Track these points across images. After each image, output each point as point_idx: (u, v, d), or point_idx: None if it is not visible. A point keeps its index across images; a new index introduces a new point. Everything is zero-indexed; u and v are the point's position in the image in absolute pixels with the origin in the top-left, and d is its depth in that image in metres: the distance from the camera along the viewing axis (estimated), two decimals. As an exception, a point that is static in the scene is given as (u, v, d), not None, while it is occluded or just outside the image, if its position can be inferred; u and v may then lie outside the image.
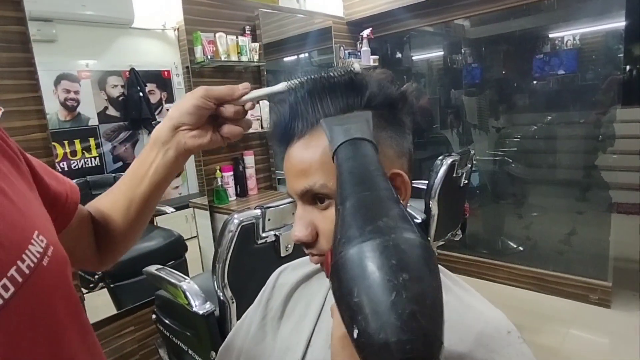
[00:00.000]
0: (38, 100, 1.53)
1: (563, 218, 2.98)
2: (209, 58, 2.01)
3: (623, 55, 2.72)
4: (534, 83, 3.16)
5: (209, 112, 0.55)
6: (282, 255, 1.28)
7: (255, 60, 2.24)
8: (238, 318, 0.74)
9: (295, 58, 2.94)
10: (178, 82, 2.13)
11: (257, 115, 2.25)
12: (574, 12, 2.85)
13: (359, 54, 2.88)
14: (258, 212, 1.22)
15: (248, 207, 2.05)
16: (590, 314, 2.32)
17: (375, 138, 0.48)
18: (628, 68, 3.75)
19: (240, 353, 0.65)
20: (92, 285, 1.79)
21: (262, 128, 2.27)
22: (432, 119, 3.42)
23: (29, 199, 0.42)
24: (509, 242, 3.04)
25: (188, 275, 1.35)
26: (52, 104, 1.63)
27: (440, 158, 1.93)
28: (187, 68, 2.07)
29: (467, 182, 2.15)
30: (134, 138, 1.96)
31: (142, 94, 1.98)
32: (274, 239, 1.26)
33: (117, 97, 1.89)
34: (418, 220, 1.88)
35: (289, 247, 1.29)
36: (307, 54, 2.93)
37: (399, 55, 3.49)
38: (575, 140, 3.06)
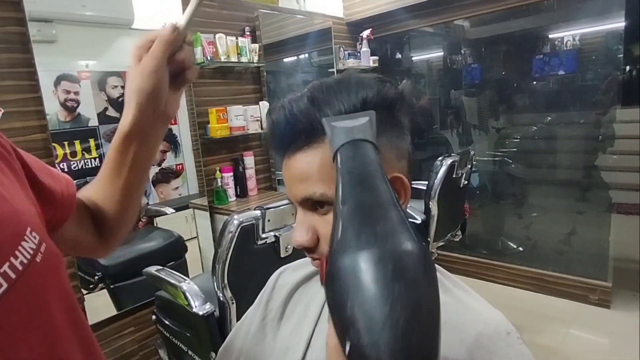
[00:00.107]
0: (38, 101, 1.53)
1: (563, 218, 2.98)
2: (209, 59, 2.01)
3: (623, 56, 2.72)
4: (534, 83, 3.16)
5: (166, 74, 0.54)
6: (282, 256, 1.28)
7: (255, 61, 2.24)
8: (238, 319, 0.74)
9: (295, 59, 2.94)
10: (178, 82, 2.13)
11: (257, 117, 2.25)
12: (574, 12, 2.85)
13: (359, 55, 2.89)
14: (258, 212, 1.22)
15: (248, 207, 2.05)
16: (590, 314, 2.32)
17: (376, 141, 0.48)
18: (628, 68, 3.75)
19: (240, 354, 0.65)
20: (92, 286, 1.79)
21: (261, 129, 2.27)
22: (431, 120, 3.42)
23: (21, 196, 0.42)
24: (509, 242, 3.04)
25: (188, 276, 1.35)
26: (52, 105, 1.63)
27: (440, 158, 1.93)
28: (187, 69, 2.07)
29: (467, 182, 2.15)
30: (134, 139, 1.96)
31: (142, 95, 1.98)
32: (274, 240, 1.26)
33: (117, 97, 1.89)
34: (418, 221, 1.88)
35: (289, 247, 1.29)
36: (307, 55, 2.93)
37: (399, 56, 3.49)
38: (575, 141, 3.06)
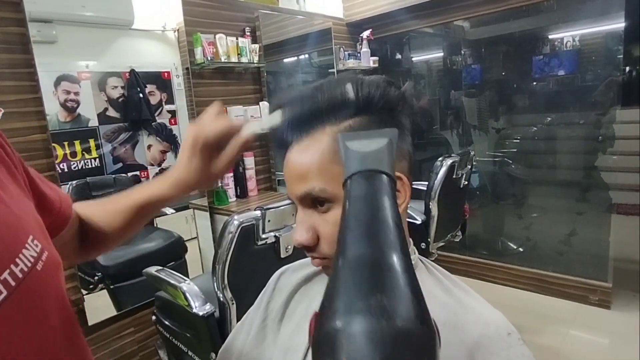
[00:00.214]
0: (38, 102, 1.53)
1: (563, 219, 2.98)
2: (209, 59, 2.01)
3: (622, 57, 2.72)
4: (534, 84, 3.16)
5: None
6: (282, 257, 1.28)
7: (255, 62, 2.24)
8: (238, 319, 0.74)
9: (295, 59, 2.94)
10: (178, 83, 2.13)
11: (257, 117, 2.25)
12: (574, 13, 2.85)
13: (359, 55, 2.89)
14: (258, 213, 1.22)
15: (248, 208, 2.05)
16: (591, 315, 2.32)
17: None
18: (627, 69, 3.75)
19: (241, 355, 0.65)
20: (91, 287, 1.78)
21: (261, 130, 2.26)
22: (432, 120, 3.42)
23: (24, 205, 0.43)
24: (509, 243, 3.04)
25: (188, 277, 1.35)
26: (52, 105, 1.63)
27: (440, 159, 1.93)
28: (187, 69, 2.07)
29: (467, 183, 2.15)
30: (134, 139, 1.96)
31: (142, 95, 1.98)
32: (274, 240, 1.26)
33: (117, 98, 1.89)
34: (418, 222, 1.88)
35: (289, 248, 1.28)
36: (307, 55, 2.93)
37: (399, 57, 3.49)
38: (575, 141, 3.06)
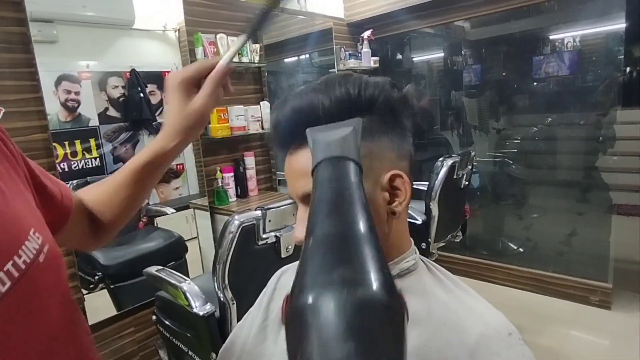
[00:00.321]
0: (39, 101, 1.53)
1: (563, 219, 2.97)
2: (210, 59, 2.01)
3: (623, 57, 2.72)
4: (534, 84, 3.16)
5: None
6: (282, 257, 1.28)
7: (256, 62, 2.24)
8: (238, 319, 0.74)
9: (296, 59, 2.95)
10: (179, 83, 2.13)
11: (257, 117, 2.25)
12: (574, 13, 2.85)
13: (360, 55, 2.89)
14: (259, 213, 1.22)
15: (248, 208, 2.05)
16: (591, 315, 2.32)
17: (376, 142, 0.48)
18: (628, 70, 3.75)
19: (241, 354, 0.65)
20: (92, 286, 1.79)
21: (262, 129, 2.27)
22: (432, 121, 3.42)
23: (26, 199, 0.43)
24: (509, 243, 3.04)
25: (188, 276, 1.35)
26: (52, 105, 1.64)
27: (441, 159, 1.93)
28: (187, 69, 2.07)
29: (467, 183, 2.15)
30: (135, 139, 1.96)
31: (142, 95, 1.98)
32: (275, 240, 1.26)
33: (117, 97, 1.89)
34: (418, 222, 1.88)
35: (290, 248, 1.28)
36: (307, 55, 2.93)
37: (400, 57, 3.49)
38: (576, 142, 3.06)
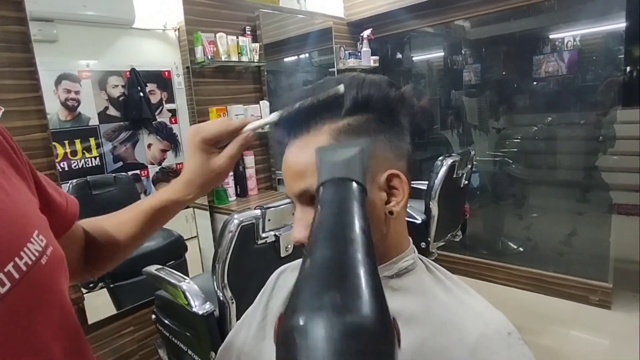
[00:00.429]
0: (39, 100, 1.53)
1: (563, 219, 2.97)
2: (210, 58, 2.01)
3: (623, 57, 2.72)
4: (534, 84, 3.16)
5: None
6: (282, 256, 1.28)
7: (256, 61, 2.24)
8: (238, 318, 0.74)
9: (296, 58, 2.94)
10: (178, 82, 2.13)
11: (257, 116, 2.25)
12: (575, 13, 2.85)
13: (359, 55, 2.88)
14: (258, 212, 1.22)
15: (248, 207, 2.05)
16: (591, 315, 2.32)
17: (373, 141, 0.48)
18: (628, 69, 3.74)
19: (240, 353, 0.65)
20: (91, 285, 1.79)
21: (262, 129, 2.26)
22: (432, 120, 3.42)
23: (30, 202, 0.44)
24: (509, 243, 3.04)
25: (188, 276, 1.35)
26: (52, 104, 1.63)
27: (441, 159, 1.93)
28: (187, 68, 2.07)
29: (467, 182, 2.15)
30: (135, 138, 1.96)
31: (142, 94, 1.98)
32: (274, 239, 1.26)
33: (117, 97, 1.89)
34: (418, 221, 1.88)
35: (289, 247, 1.28)
36: (307, 55, 2.93)
37: (399, 56, 3.49)
38: (576, 141, 3.06)
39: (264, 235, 1.24)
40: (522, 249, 2.97)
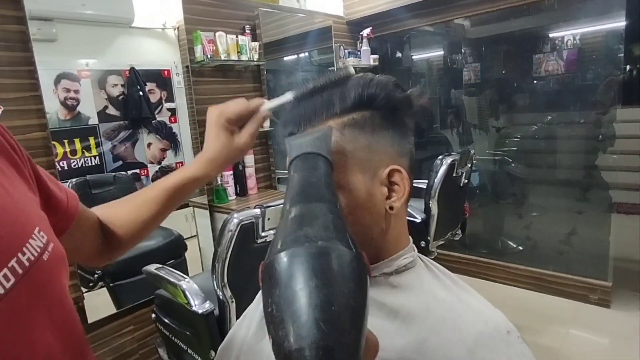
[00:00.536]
0: (38, 100, 1.53)
1: (563, 218, 2.98)
2: (209, 57, 2.01)
3: (623, 55, 2.72)
4: (534, 83, 3.16)
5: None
6: (281, 255, 1.28)
7: (255, 60, 2.24)
8: (237, 317, 0.74)
9: (295, 57, 2.94)
10: (178, 81, 2.13)
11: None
12: (574, 12, 2.84)
13: (359, 54, 2.88)
14: (258, 211, 1.22)
15: (248, 206, 2.05)
16: (590, 314, 2.32)
17: (376, 136, 0.50)
18: (628, 68, 3.75)
19: (240, 352, 0.65)
20: (91, 285, 1.79)
21: (262, 127, 2.26)
22: (432, 119, 3.42)
23: (31, 200, 0.44)
24: (509, 242, 3.04)
25: (187, 275, 1.35)
26: (52, 103, 1.63)
27: (440, 158, 1.93)
28: (187, 67, 2.07)
29: (467, 181, 2.15)
30: (134, 137, 1.96)
31: (142, 93, 1.98)
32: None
33: (117, 96, 1.89)
34: (417, 220, 1.88)
35: (289, 246, 1.28)
36: (307, 54, 2.93)
37: (399, 55, 3.49)
38: (576, 140, 3.06)
39: (264, 235, 1.24)
40: (521, 248, 2.97)
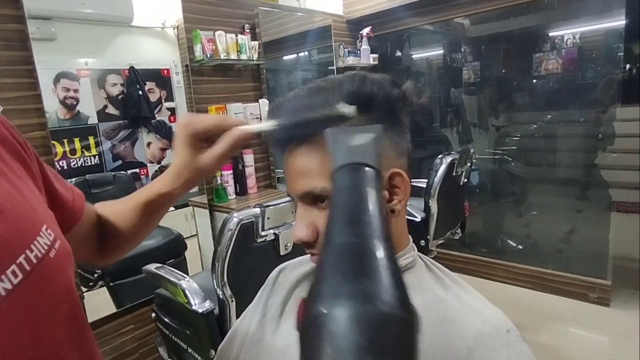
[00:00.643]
0: (37, 99, 1.52)
1: (563, 217, 2.98)
2: (209, 56, 2.00)
3: (623, 54, 2.72)
4: (534, 82, 3.16)
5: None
6: (281, 254, 1.28)
7: (255, 59, 2.24)
8: (237, 316, 0.74)
9: (295, 56, 2.94)
10: (177, 80, 2.12)
11: (256, 114, 2.25)
12: (574, 10, 2.84)
13: (359, 53, 2.88)
14: (257, 210, 1.22)
15: (247, 205, 2.05)
16: (590, 313, 2.32)
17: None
18: (628, 67, 3.75)
19: (240, 351, 0.65)
20: (91, 284, 1.79)
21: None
22: (431, 118, 3.42)
23: (38, 197, 0.44)
24: (509, 240, 3.04)
25: (187, 274, 1.35)
26: (51, 103, 1.63)
27: (440, 157, 1.93)
28: (186, 66, 2.07)
29: (466, 180, 2.15)
30: (134, 137, 1.95)
31: (141, 93, 1.98)
32: (274, 238, 1.26)
33: (116, 95, 1.89)
34: (417, 219, 1.88)
35: (288, 245, 1.29)
36: (306, 53, 2.93)
37: (399, 54, 3.48)
38: (575, 139, 3.06)
39: (264, 234, 1.24)
40: (521, 247, 2.98)
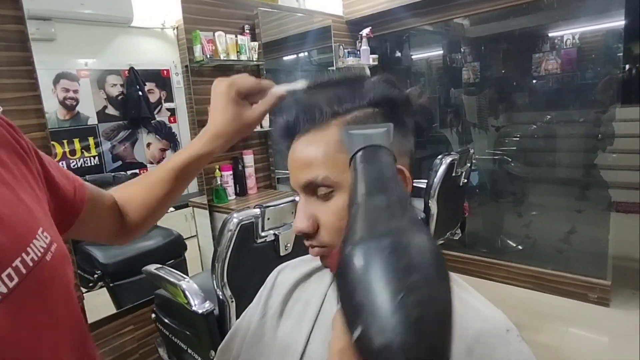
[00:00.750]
0: (37, 99, 1.52)
1: (562, 217, 2.98)
2: (208, 57, 2.01)
3: (622, 54, 2.72)
4: (534, 82, 3.16)
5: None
6: (281, 255, 1.28)
7: (255, 59, 2.24)
8: (237, 317, 0.74)
9: (295, 57, 2.94)
10: (177, 81, 2.13)
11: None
12: (574, 11, 2.85)
13: (359, 53, 2.88)
14: (257, 211, 1.22)
15: (247, 206, 2.05)
16: (590, 313, 2.32)
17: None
18: (627, 67, 3.75)
19: (240, 351, 0.65)
20: (91, 285, 1.79)
21: (261, 127, 2.26)
22: (431, 118, 3.42)
23: (37, 198, 0.44)
24: (508, 241, 3.04)
25: (187, 275, 1.35)
26: (51, 103, 1.63)
27: (440, 157, 1.93)
28: (186, 67, 2.07)
29: (466, 181, 2.15)
30: (133, 137, 1.95)
31: (141, 93, 1.98)
32: (273, 238, 1.26)
33: (116, 96, 1.89)
34: (417, 219, 1.88)
35: (288, 246, 1.29)
36: (306, 53, 2.93)
37: (399, 54, 3.49)
38: (575, 139, 3.07)
39: (264, 234, 1.24)
40: (521, 247, 2.98)
